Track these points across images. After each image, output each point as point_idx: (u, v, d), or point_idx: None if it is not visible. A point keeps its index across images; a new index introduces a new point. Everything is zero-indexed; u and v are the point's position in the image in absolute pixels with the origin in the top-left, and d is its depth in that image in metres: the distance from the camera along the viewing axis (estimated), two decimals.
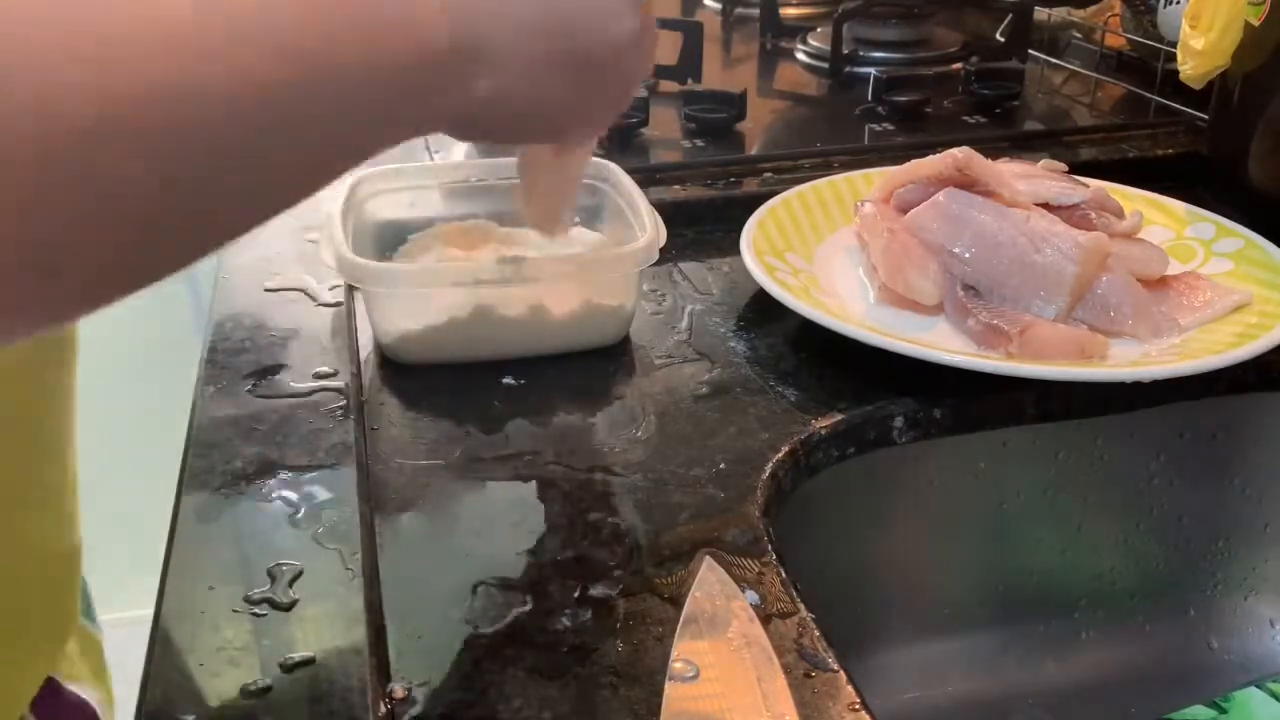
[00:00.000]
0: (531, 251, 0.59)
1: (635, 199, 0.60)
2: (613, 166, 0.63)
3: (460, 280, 0.55)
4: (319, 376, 0.55)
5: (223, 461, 0.48)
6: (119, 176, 0.26)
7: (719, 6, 1.18)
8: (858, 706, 0.37)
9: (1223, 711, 0.54)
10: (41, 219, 0.25)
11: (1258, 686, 0.55)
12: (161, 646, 0.38)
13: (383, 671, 0.38)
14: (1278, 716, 0.54)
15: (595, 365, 0.58)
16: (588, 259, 0.58)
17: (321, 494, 0.46)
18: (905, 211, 0.64)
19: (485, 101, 0.38)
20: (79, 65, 0.25)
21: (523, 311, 0.56)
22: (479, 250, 0.61)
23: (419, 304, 0.55)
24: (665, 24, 1.00)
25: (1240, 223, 0.67)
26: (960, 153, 0.63)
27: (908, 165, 0.66)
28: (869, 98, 0.89)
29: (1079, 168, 0.73)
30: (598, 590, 0.43)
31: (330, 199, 0.59)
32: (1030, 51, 1.00)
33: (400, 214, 0.63)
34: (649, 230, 0.56)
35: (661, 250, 0.57)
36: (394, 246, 0.62)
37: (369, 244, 0.61)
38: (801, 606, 0.42)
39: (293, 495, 0.46)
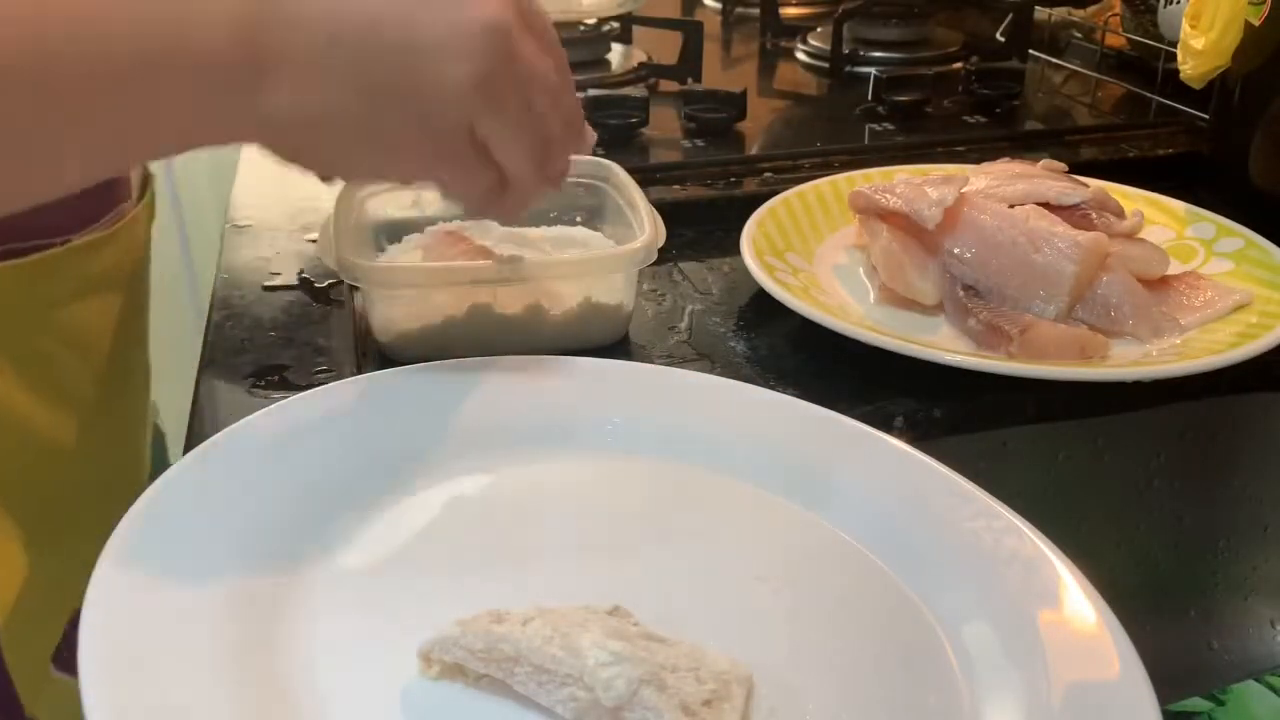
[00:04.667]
0: (530, 251, 0.59)
1: (635, 198, 0.59)
2: (613, 165, 0.63)
3: (457, 280, 0.55)
4: (319, 376, 0.55)
5: None
6: None
7: (719, 6, 1.18)
8: None
9: (1220, 704, 0.54)
10: None
11: (1255, 679, 0.55)
12: None
13: None
14: (1275, 709, 0.54)
15: None
16: (586, 259, 0.58)
17: None
18: None
19: (281, 119, 0.39)
20: None
21: (520, 311, 0.56)
22: (477, 249, 0.61)
23: (416, 303, 0.55)
24: (665, 24, 1.00)
25: (1241, 222, 0.66)
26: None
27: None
28: (869, 98, 0.89)
29: (1079, 167, 0.73)
30: None
31: (330, 197, 0.59)
32: (1030, 51, 1.00)
33: (401, 213, 0.63)
34: (648, 230, 0.56)
35: (661, 250, 0.56)
36: (395, 244, 0.63)
37: (369, 242, 0.61)
38: None
39: None
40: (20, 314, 0.58)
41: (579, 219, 0.64)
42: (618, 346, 0.59)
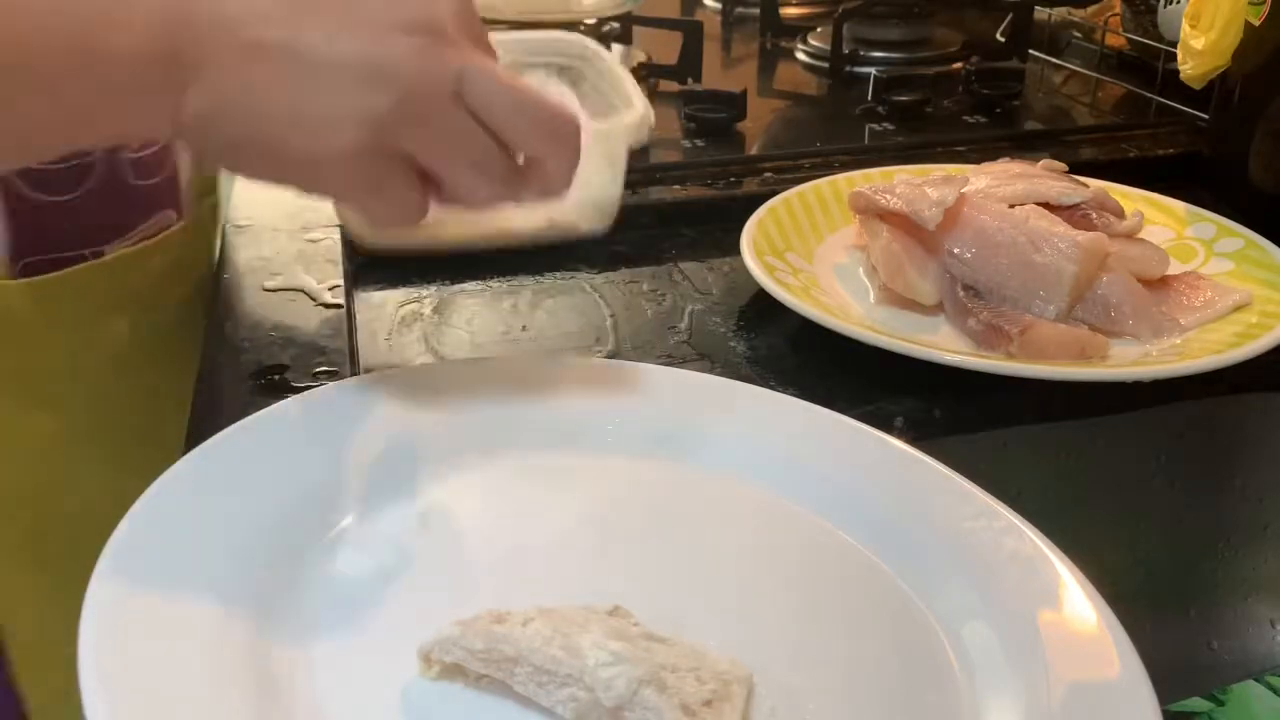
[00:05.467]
0: None
1: (619, 77, 0.55)
2: (589, 43, 0.58)
3: None
4: (319, 376, 0.55)
5: None
6: None
7: (719, 6, 1.18)
8: None
9: (1220, 704, 0.54)
10: None
11: (1256, 680, 0.55)
12: None
13: None
14: (1275, 709, 0.54)
15: None
16: None
17: None
18: None
19: (196, 124, 0.38)
20: None
21: None
22: None
23: None
24: (665, 24, 1.00)
25: (1240, 222, 0.66)
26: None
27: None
28: (869, 98, 0.89)
29: (1079, 168, 0.73)
30: None
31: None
32: (1030, 51, 1.00)
33: None
34: (638, 105, 0.52)
35: (661, 250, 0.56)
36: None
37: None
38: None
39: None
40: (44, 334, 0.56)
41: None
42: (616, 347, 0.59)
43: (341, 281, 0.62)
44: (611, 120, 0.50)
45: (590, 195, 0.53)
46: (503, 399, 0.50)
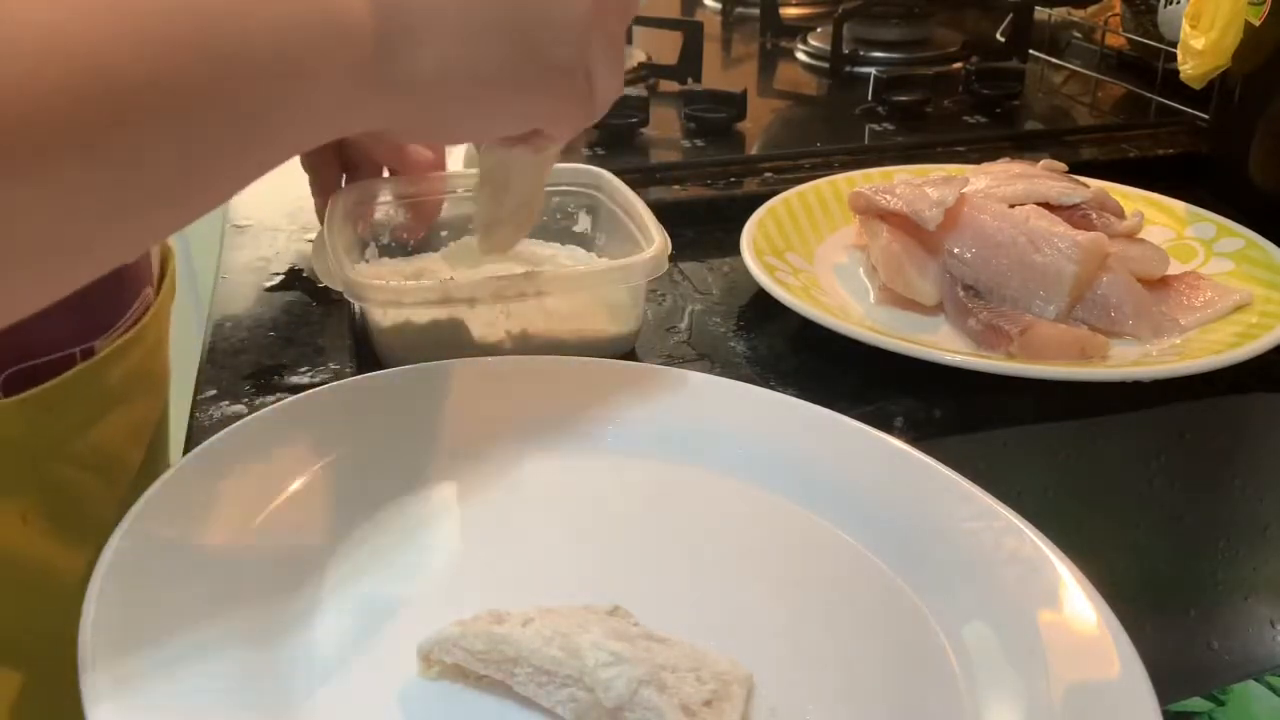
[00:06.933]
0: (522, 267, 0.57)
1: (634, 205, 0.58)
2: (605, 174, 0.62)
3: (454, 298, 0.53)
4: (319, 376, 0.55)
5: None
6: None
7: (719, 6, 1.18)
8: None
9: (1220, 704, 0.54)
10: None
11: (1256, 680, 0.55)
12: None
13: None
14: (1275, 709, 0.54)
15: None
16: (588, 274, 0.56)
17: None
18: None
19: (419, 85, 0.38)
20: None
21: (520, 325, 0.55)
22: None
23: (417, 316, 0.54)
24: (665, 24, 1.00)
25: (1241, 222, 0.67)
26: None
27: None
28: (869, 98, 0.89)
29: (1079, 168, 0.73)
30: None
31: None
32: (1030, 51, 1.00)
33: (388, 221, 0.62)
34: (656, 240, 0.55)
35: None
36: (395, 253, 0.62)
37: (355, 248, 0.60)
38: None
39: None
40: (35, 448, 0.51)
41: (574, 228, 0.63)
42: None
43: None
44: (632, 256, 0.54)
45: (611, 329, 0.57)
46: (502, 399, 0.50)
